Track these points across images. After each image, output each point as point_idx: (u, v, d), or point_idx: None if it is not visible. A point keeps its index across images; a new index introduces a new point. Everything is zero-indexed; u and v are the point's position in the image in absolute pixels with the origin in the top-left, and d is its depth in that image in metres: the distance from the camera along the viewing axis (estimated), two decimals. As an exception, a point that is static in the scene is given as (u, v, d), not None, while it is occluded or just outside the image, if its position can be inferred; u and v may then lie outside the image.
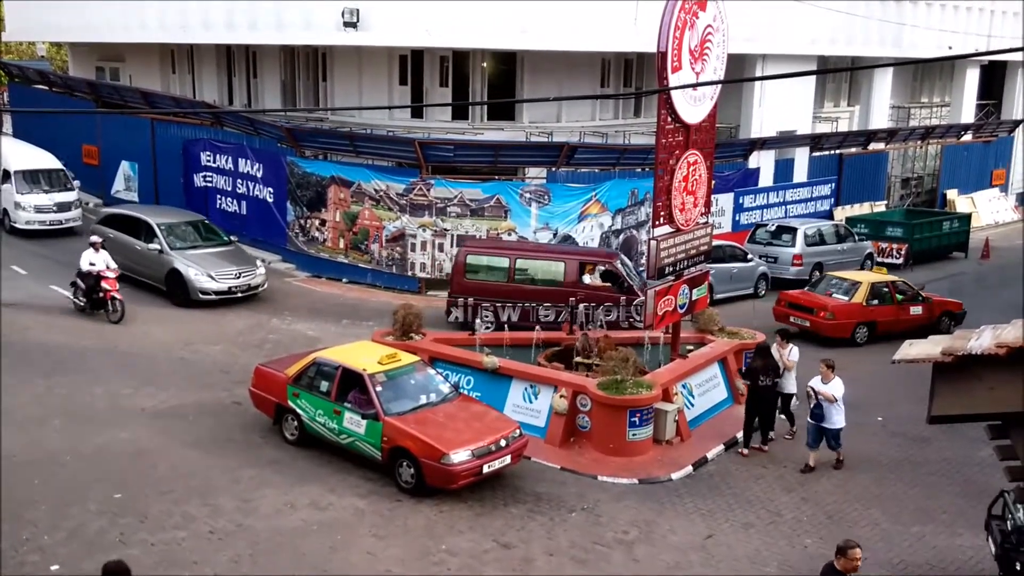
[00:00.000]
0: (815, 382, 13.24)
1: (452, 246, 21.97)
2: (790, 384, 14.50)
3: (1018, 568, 9.69)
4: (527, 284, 19.04)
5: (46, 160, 27.09)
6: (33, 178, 25.95)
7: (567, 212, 22.21)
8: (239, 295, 20.49)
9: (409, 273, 22.41)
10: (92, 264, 18.84)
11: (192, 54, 32.77)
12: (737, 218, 27.05)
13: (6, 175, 25.80)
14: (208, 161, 26.02)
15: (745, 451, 14.04)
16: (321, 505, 11.86)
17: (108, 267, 18.95)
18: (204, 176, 26.18)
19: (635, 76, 28.89)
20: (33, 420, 14.01)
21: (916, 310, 20.39)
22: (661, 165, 14.36)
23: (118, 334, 18.32)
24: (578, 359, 15.53)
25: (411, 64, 26.26)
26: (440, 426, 12.36)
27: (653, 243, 14.39)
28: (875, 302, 20.14)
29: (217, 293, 20.23)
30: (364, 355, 13.53)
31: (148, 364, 16.72)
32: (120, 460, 12.85)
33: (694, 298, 15.53)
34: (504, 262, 19.37)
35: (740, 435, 14.29)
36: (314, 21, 25.36)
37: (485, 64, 26.24)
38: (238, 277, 20.54)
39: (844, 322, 19.87)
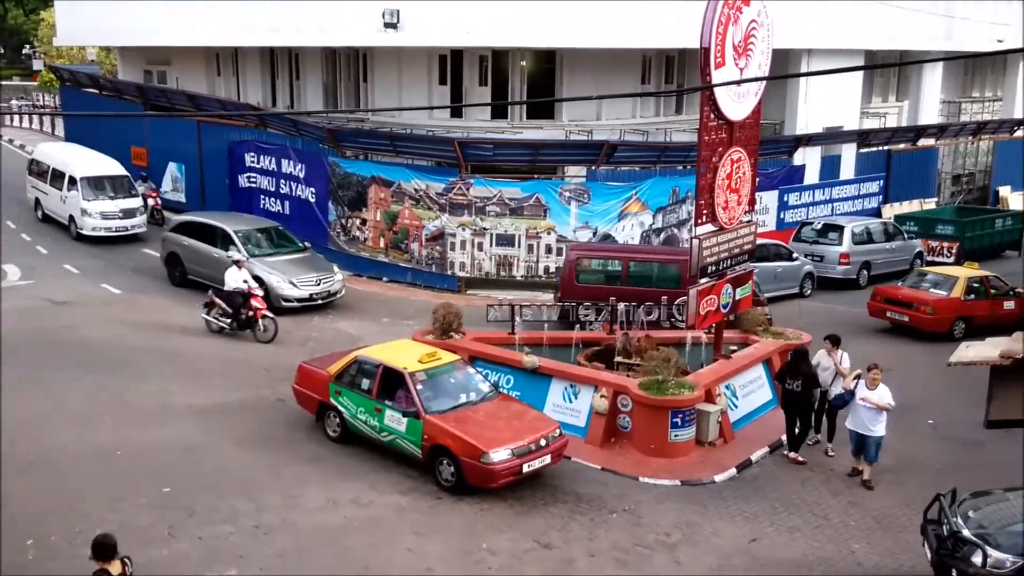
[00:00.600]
0: (861, 389, 12.73)
1: (491, 245, 22.01)
2: (836, 391, 13.79)
3: (954, 575, 9.41)
4: (641, 287, 18.53)
5: (111, 166, 27.35)
6: (98, 184, 26.16)
7: (607, 211, 22.11)
8: (319, 302, 20.25)
9: (448, 272, 22.47)
10: (245, 282, 18.53)
11: (236, 57, 33.22)
12: (782, 216, 26.70)
13: (72, 182, 26.08)
14: (252, 162, 26.35)
15: (791, 455, 13.77)
16: (363, 502, 11.95)
17: (248, 284, 18.60)
18: (248, 177, 26.51)
19: (677, 73, 28.68)
20: (85, 417, 14.31)
21: (1009, 305, 20.14)
22: (704, 163, 14.20)
23: (165, 331, 18.62)
24: (619, 359, 15.44)
25: (450, 64, 26.35)
26: (480, 425, 12.38)
27: (695, 242, 14.23)
28: (971, 297, 19.98)
29: (299, 300, 20.01)
30: (405, 353, 13.60)
31: (194, 362, 16.99)
32: (168, 456, 13.07)
33: (738, 298, 15.35)
34: (617, 266, 19.16)
35: (784, 438, 14.05)
36: (355, 23, 25.57)
37: (524, 63, 26.23)
38: (318, 284, 20.31)
39: (944, 317, 19.70)
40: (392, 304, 21.48)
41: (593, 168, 22.26)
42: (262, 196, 26.19)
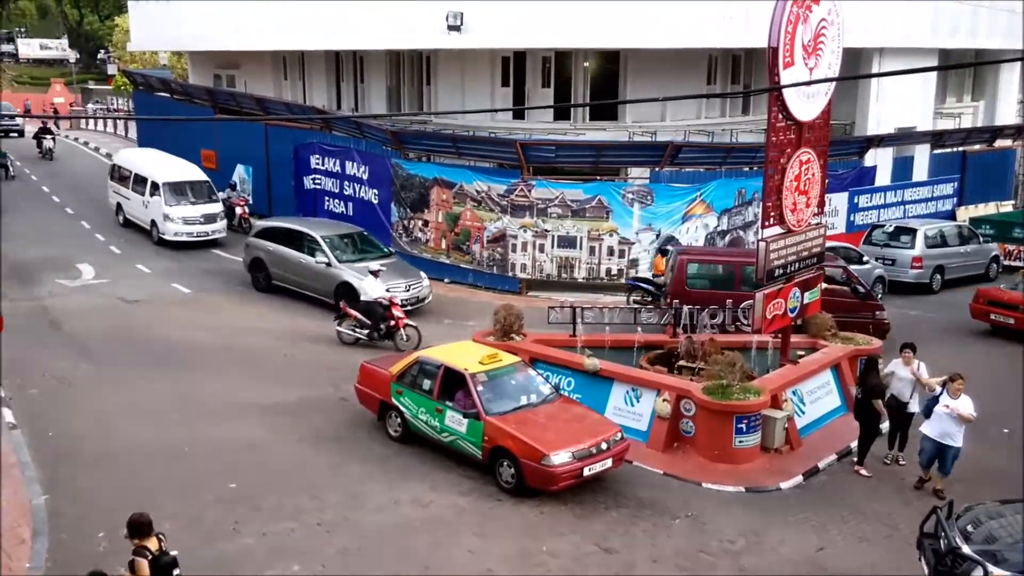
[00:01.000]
0: (945, 397, 12.16)
1: (553, 246, 21.94)
2: (915, 403, 13.24)
3: None
4: (754, 291, 18.23)
5: (192, 172, 27.62)
6: (180, 190, 26.36)
7: (671, 212, 21.86)
8: (408, 307, 19.77)
9: (510, 274, 22.46)
10: (388, 291, 18.53)
11: (303, 61, 33.76)
12: (852, 219, 26.11)
13: (154, 187, 26.28)
14: (317, 164, 26.72)
15: (856, 467, 13.37)
16: (423, 502, 11.98)
17: (390, 293, 18.54)
18: (313, 179, 26.89)
19: (743, 72, 28.26)
20: (156, 412, 14.64)
21: None
22: (771, 164, 13.94)
23: (232, 330, 18.96)
24: (682, 362, 15.24)
25: (513, 65, 26.37)
26: (540, 427, 12.32)
27: (763, 244, 13.97)
28: None
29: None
30: (466, 355, 13.61)
31: (261, 361, 17.26)
32: (234, 452, 13.29)
33: (806, 302, 15.02)
34: (730, 269, 18.72)
35: (854, 445, 13.68)
36: (418, 26, 25.75)
37: (588, 64, 26.12)
38: (408, 290, 19.99)
39: None
40: (453, 305, 21.55)
41: (657, 169, 22.04)
42: (326, 198, 26.54)
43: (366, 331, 18.15)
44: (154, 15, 40.42)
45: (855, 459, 13.44)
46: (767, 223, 14.20)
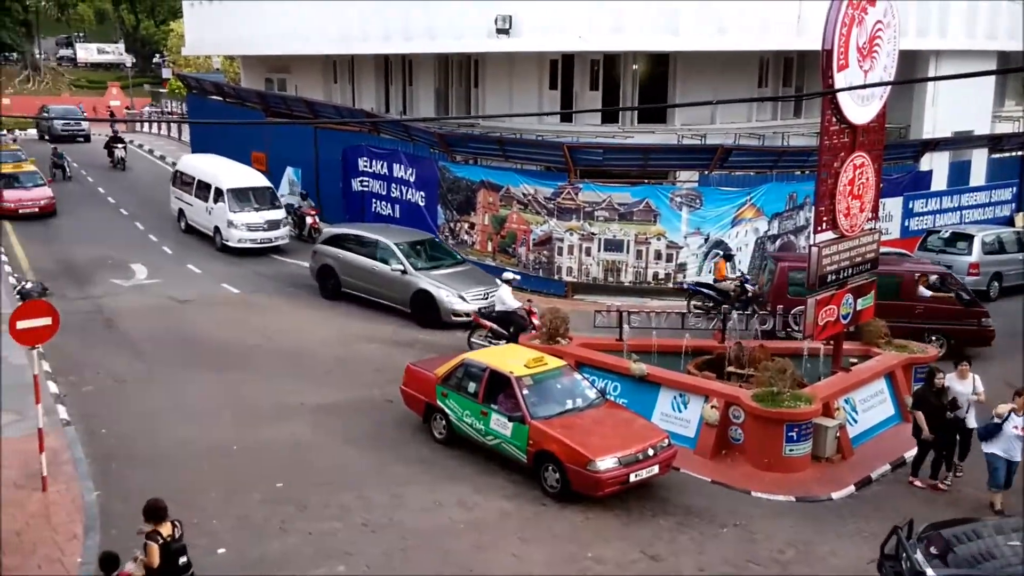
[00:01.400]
0: (1014, 418, 11.64)
1: (599, 250, 21.80)
2: (972, 418, 12.78)
3: None
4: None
5: (255, 178, 27.56)
6: (244, 196, 26.16)
7: (720, 216, 21.58)
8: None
9: (556, 277, 22.35)
10: (529, 301, 18.16)
11: (352, 64, 34.04)
12: (906, 224, 25.56)
13: (218, 194, 26.17)
14: (365, 167, 26.90)
15: (911, 477, 13.04)
16: (467, 504, 11.95)
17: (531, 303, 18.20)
18: (361, 181, 27.08)
19: (795, 75, 27.84)
20: (206, 412, 14.85)
21: None
22: (824, 168, 13.69)
23: (280, 331, 19.13)
24: (731, 368, 15.03)
25: (561, 68, 26.27)
26: (586, 432, 12.22)
27: (815, 250, 13.71)
28: None
29: (468, 315, 19.03)
30: (511, 358, 13.57)
31: (308, 361, 17.40)
32: (282, 452, 13.41)
33: (859, 308, 14.71)
34: None
35: (908, 456, 13.34)
36: (467, 29, 25.81)
37: (636, 66, 25.92)
38: (486, 297, 19.44)
39: None
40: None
41: (706, 173, 21.77)
42: (374, 200, 26.70)
43: (503, 341, 17.03)
44: (208, 20, 41.14)
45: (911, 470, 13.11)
46: (820, 228, 13.94)
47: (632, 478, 11.79)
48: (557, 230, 22.14)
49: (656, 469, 12.09)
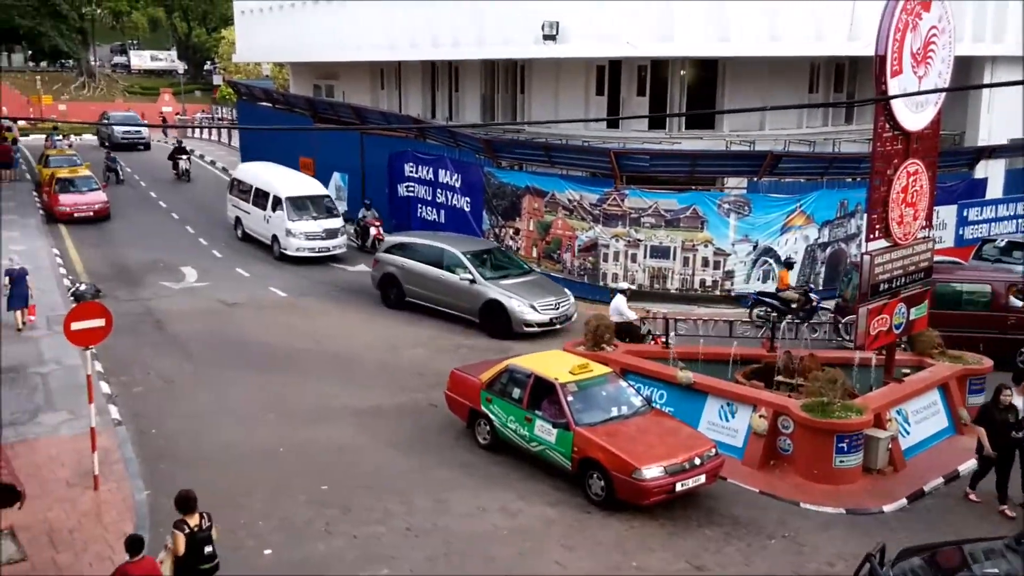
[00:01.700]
0: None
1: (645, 256, 21.63)
2: None
3: None
4: (950, 310, 17.21)
5: (312, 187, 27.43)
6: (302, 205, 26.02)
7: (769, 223, 21.29)
8: (557, 327, 19.14)
9: (601, 283, 22.21)
10: (647, 311, 17.78)
11: (399, 71, 34.32)
12: (961, 232, 25.01)
13: (276, 202, 25.99)
14: (411, 172, 27.04)
15: (967, 489, 12.71)
16: (511, 511, 11.90)
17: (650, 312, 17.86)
18: (407, 186, 27.22)
19: (847, 81, 27.45)
20: (252, 413, 15.00)
21: None
22: (877, 175, 13.44)
23: (327, 335, 19.27)
24: (780, 378, 14.80)
25: (608, 74, 26.18)
26: (632, 440, 12.11)
27: (867, 258, 13.48)
28: None
29: (540, 325, 18.92)
30: (556, 364, 13.50)
31: (353, 365, 17.50)
32: (326, 454, 13.49)
33: (912, 318, 14.40)
34: (985, 291, 17.82)
35: (963, 468, 13.01)
36: (513, 36, 25.85)
37: (684, 72, 25.73)
38: (557, 308, 19.27)
39: None
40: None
41: (755, 179, 21.52)
42: (419, 205, 26.83)
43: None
44: (258, 27, 41.84)
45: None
46: (872, 236, 13.69)
47: (678, 487, 11.66)
48: (602, 236, 22.04)
49: (703, 479, 11.94)
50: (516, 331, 18.96)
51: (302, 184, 27.43)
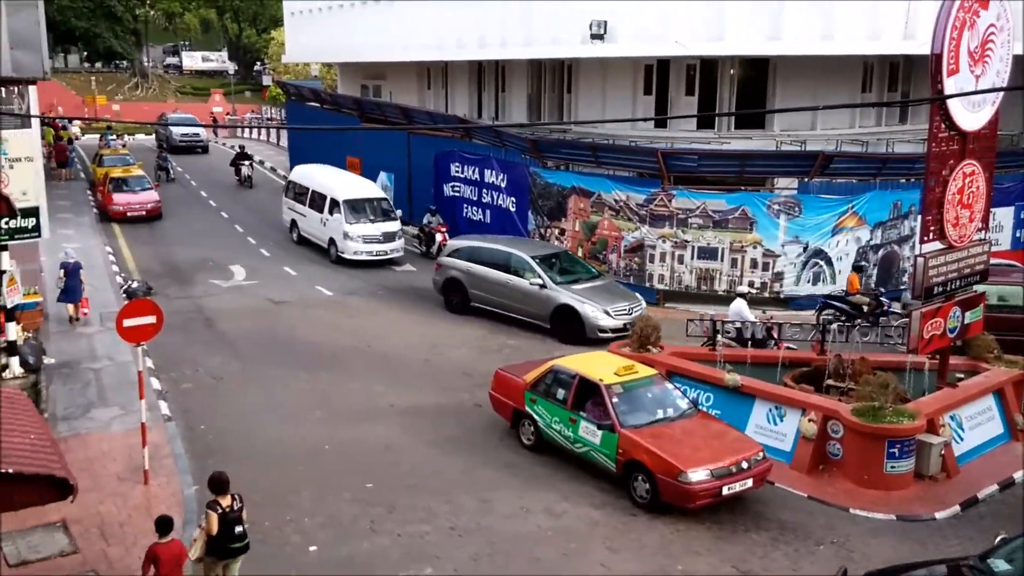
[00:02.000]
0: None
1: (692, 257, 21.43)
2: None
3: None
4: (1003, 312, 16.96)
5: (370, 189, 27.19)
6: (359, 208, 25.70)
7: (820, 225, 20.95)
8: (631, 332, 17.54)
9: (647, 284, 22.05)
10: (772, 317, 17.31)
11: (446, 71, 34.42)
12: (1018, 235, 24.39)
13: (334, 204, 25.69)
14: (457, 172, 27.11)
15: None
16: (555, 512, 11.86)
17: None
18: (453, 186, 27.29)
19: (902, 79, 26.92)
20: (298, 411, 15.15)
21: None
22: (932, 176, 13.18)
23: (373, 335, 19.39)
24: (830, 381, 14.56)
25: (656, 73, 25.97)
26: (677, 442, 12.01)
27: (921, 260, 13.22)
28: None
29: (614, 331, 18.34)
30: (601, 365, 13.43)
31: (398, 364, 17.58)
32: (371, 453, 13.57)
33: (966, 322, 14.08)
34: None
35: (1019, 476, 12.68)
36: (561, 35, 25.79)
37: (734, 71, 25.43)
38: (630, 312, 18.72)
39: None
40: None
41: (806, 180, 21.19)
42: (465, 205, 26.87)
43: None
44: (307, 28, 42.29)
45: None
46: (926, 238, 13.45)
47: (725, 491, 11.53)
48: (649, 237, 21.88)
49: (750, 483, 11.79)
50: (589, 337, 18.41)
51: (360, 187, 27.19)
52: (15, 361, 15.48)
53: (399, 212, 26.54)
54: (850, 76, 25.45)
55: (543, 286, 19.39)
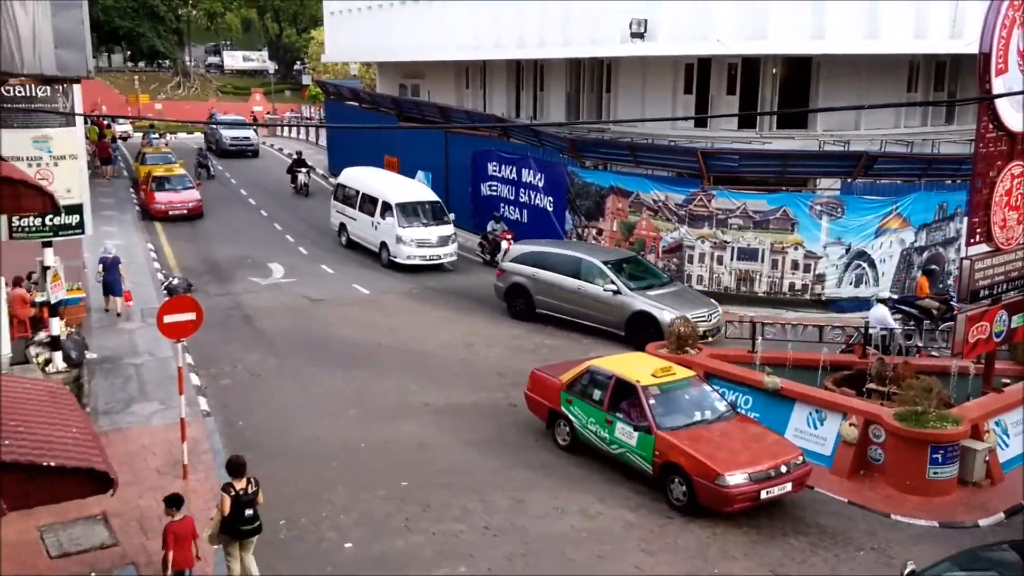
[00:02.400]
0: None
1: (732, 259, 21.20)
2: None
3: None
4: None
5: (423, 192, 26.43)
6: (412, 211, 25.01)
7: (863, 226, 20.60)
8: (710, 339, 17.75)
9: (686, 285, 21.84)
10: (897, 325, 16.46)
11: (484, 70, 34.43)
12: (1066, 238, 23.81)
13: (386, 208, 25.07)
14: (494, 171, 27.09)
15: None
16: (590, 513, 11.78)
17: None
18: (490, 185, 27.28)
19: (948, 79, 26.42)
20: (334, 408, 15.22)
21: None
22: (979, 177, 12.91)
23: (407, 333, 19.43)
24: (871, 385, 14.31)
25: (697, 72, 25.74)
26: (715, 445, 11.87)
27: (967, 263, 12.96)
28: None
29: None
30: (638, 366, 13.32)
31: (433, 362, 17.60)
32: (406, 451, 13.58)
33: (1013, 326, 13.76)
34: None
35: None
36: (600, 35, 25.65)
37: (776, 70, 25.11)
38: (709, 319, 18.22)
39: None
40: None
41: (849, 180, 20.85)
42: (502, 204, 26.84)
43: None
44: (347, 28, 42.56)
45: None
46: (973, 240, 13.18)
47: (763, 495, 11.38)
48: (688, 237, 21.68)
49: (789, 487, 11.63)
50: None
51: (412, 189, 26.55)
52: (58, 356, 15.71)
53: (452, 216, 25.83)
54: (895, 75, 25.02)
55: (617, 292, 18.76)
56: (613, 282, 18.95)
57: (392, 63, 40.63)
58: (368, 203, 26.05)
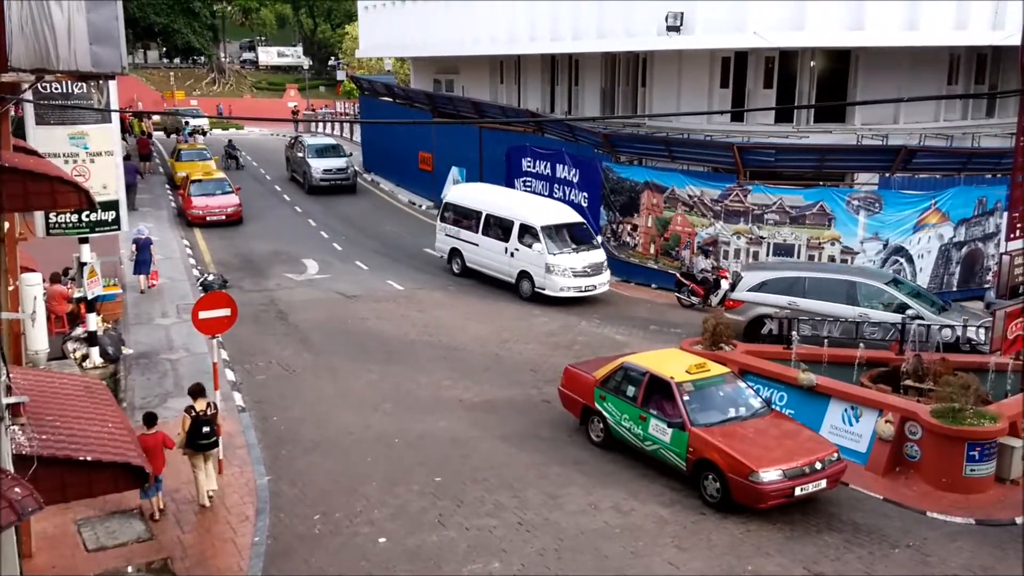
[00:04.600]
0: None
1: (768, 254, 21.01)
2: None
3: None
4: None
5: (566, 213, 22.61)
6: (559, 235, 21.61)
7: (901, 221, 20.32)
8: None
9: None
10: None
11: (519, 65, 34.41)
12: (1110, 233, 23.30)
13: (525, 231, 21.54)
14: (528, 167, 27.08)
15: None
16: (623, 509, 11.77)
17: None
18: (524, 181, 27.27)
19: (989, 72, 25.93)
20: (368, 403, 15.33)
21: None
22: (1020, 171, 12.68)
23: (441, 329, 19.51)
24: (908, 382, 14.12)
25: (733, 65, 25.51)
26: (749, 441, 11.80)
27: (1006, 258, 12.77)
28: None
29: None
30: (672, 363, 13.26)
31: (466, 358, 17.65)
32: (439, 446, 13.65)
33: (1054, 322, 13.50)
34: None
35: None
36: (636, 28, 25.51)
37: (814, 63, 24.82)
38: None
39: None
40: (660, 312, 21.11)
41: (887, 175, 20.57)
42: (537, 199, 26.80)
43: None
44: (381, 23, 42.74)
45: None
46: (1012, 235, 12.98)
47: (797, 492, 11.30)
48: (723, 233, 21.53)
49: (824, 484, 11.54)
50: None
51: (554, 210, 22.67)
52: (95, 351, 15.96)
53: (600, 239, 22.96)
54: (935, 68, 24.61)
55: (916, 317, 16.20)
56: (912, 307, 16.55)
57: (426, 58, 40.75)
58: (495, 226, 22.55)
